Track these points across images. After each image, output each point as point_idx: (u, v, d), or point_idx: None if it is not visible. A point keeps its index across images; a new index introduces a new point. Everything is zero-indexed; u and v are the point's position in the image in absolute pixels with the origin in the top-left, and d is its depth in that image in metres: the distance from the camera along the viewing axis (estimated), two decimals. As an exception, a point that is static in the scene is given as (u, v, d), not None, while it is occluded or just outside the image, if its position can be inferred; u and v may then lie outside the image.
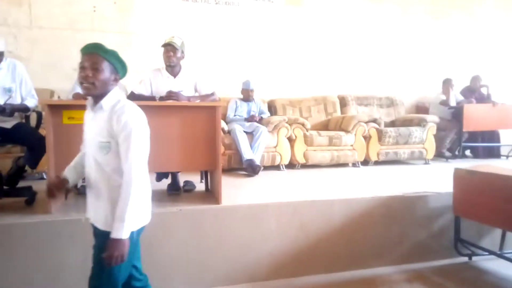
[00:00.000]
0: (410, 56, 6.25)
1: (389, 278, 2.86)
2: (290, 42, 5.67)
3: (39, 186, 3.00)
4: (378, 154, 4.93)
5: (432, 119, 5.22)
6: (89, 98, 1.64)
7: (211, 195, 3.13)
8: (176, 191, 3.17)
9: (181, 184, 3.31)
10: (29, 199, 2.81)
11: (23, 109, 2.95)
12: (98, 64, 1.55)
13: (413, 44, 6.27)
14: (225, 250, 2.72)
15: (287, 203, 2.91)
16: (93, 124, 1.61)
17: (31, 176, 3.71)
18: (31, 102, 3.00)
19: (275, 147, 4.48)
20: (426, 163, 5.14)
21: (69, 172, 1.73)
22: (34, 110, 3.07)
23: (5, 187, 2.87)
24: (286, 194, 3.22)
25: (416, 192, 3.22)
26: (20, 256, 2.38)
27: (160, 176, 3.32)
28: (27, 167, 3.02)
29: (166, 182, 3.28)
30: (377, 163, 4.96)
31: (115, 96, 1.62)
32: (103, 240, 1.55)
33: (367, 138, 4.90)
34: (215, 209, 2.76)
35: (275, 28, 5.58)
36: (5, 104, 2.77)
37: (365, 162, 4.95)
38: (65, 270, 2.43)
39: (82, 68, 1.56)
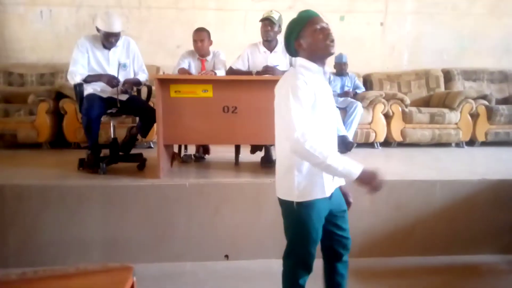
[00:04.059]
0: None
1: (496, 267, 2.65)
2: (388, 9, 5.30)
3: (148, 154, 3.32)
4: (486, 134, 4.51)
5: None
6: (313, 64, 1.54)
7: (304, 169, 3.15)
8: (269, 164, 3.25)
9: (274, 157, 3.39)
10: (141, 165, 3.14)
11: (136, 83, 3.23)
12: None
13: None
14: (317, 223, 2.74)
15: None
16: (327, 91, 1.58)
17: (140, 145, 4.09)
18: (143, 76, 3.27)
19: (369, 123, 4.33)
20: (545, 146, 4.55)
21: None
22: (144, 84, 3.35)
23: (120, 153, 3.22)
24: (381, 172, 3.10)
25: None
26: (132, 213, 2.69)
27: (254, 149, 3.44)
28: (138, 136, 3.34)
29: (260, 155, 3.39)
30: (484, 144, 4.55)
31: None
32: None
33: (474, 116, 4.49)
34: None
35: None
36: (124, 81, 3.07)
37: (471, 143, 4.56)
38: (171, 228, 2.70)
39: (324, 28, 1.52)
